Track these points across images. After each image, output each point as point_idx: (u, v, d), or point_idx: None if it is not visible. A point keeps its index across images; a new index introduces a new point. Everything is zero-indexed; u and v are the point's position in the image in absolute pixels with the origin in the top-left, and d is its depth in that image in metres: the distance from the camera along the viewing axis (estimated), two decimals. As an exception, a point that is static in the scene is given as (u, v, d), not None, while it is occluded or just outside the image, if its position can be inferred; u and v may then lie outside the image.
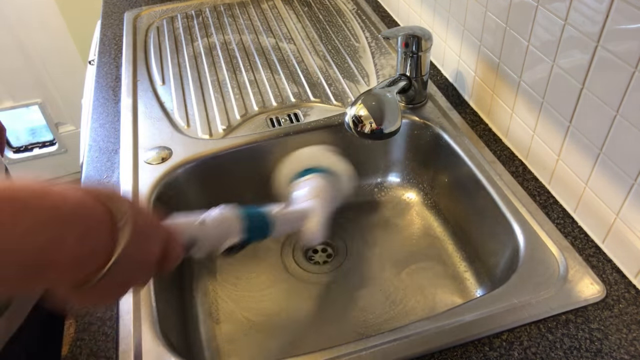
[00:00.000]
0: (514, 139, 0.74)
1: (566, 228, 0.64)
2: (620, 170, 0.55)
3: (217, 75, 0.95)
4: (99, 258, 0.34)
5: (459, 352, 0.53)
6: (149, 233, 0.39)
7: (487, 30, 0.73)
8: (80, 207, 0.33)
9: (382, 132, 0.66)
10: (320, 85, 0.91)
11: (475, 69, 0.79)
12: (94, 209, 0.35)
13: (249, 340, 0.69)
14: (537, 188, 0.69)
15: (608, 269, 0.59)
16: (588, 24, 0.53)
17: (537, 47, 0.63)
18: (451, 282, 0.74)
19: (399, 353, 0.52)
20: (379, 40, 1.02)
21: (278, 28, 1.10)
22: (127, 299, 0.59)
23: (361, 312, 0.71)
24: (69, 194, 0.33)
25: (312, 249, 0.81)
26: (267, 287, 0.76)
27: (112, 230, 0.35)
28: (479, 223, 0.73)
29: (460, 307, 0.56)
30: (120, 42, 1.08)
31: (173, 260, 0.43)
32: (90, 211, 0.34)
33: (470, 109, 0.83)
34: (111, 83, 0.96)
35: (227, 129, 0.82)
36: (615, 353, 0.52)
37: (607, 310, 0.55)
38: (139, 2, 1.22)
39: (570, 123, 0.61)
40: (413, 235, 0.82)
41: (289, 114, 0.84)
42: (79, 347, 0.55)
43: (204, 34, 1.09)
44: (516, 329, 0.54)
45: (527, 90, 0.67)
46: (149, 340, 0.54)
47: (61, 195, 0.32)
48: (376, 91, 0.69)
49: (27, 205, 0.30)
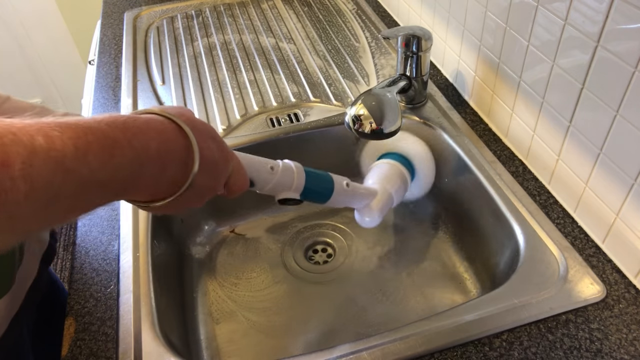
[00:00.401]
0: (514, 138, 0.74)
1: (566, 228, 0.64)
2: (620, 170, 0.54)
3: (217, 75, 0.95)
4: (173, 186, 0.39)
5: (459, 352, 0.53)
6: (220, 165, 0.43)
7: (487, 30, 0.73)
8: (163, 147, 0.37)
9: (382, 132, 0.66)
10: (320, 85, 0.91)
11: (475, 69, 0.79)
12: (175, 147, 0.38)
13: (249, 340, 0.69)
14: (537, 188, 0.69)
15: (608, 269, 0.59)
16: (588, 24, 0.53)
17: (537, 47, 0.63)
18: (451, 282, 0.74)
19: (399, 353, 0.52)
20: (379, 40, 1.02)
21: (278, 28, 1.10)
22: (127, 299, 0.59)
23: (361, 312, 0.71)
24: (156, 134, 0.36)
25: (312, 249, 0.81)
26: (267, 287, 0.76)
27: (187, 164, 0.39)
28: (479, 223, 0.73)
29: (460, 307, 0.56)
30: (120, 42, 1.08)
31: (237, 191, 0.47)
32: (172, 151, 0.38)
33: (470, 109, 0.83)
34: (111, 83, 0.96)
35: (227, 129, 0.82)
36: (615, 353, 0.52)
37: (607, 310, 0.55)
38: (139, 2, 1.22)
39: (570, 123, 0.61)
40: (413, 235, 0.82)
41: (289, 114, 0.84)
42: (79, 347, 0.55)
43: (204, 34, 1.09)
44: (516, 329, 0.54)
45: (527, 90, 0.67)
46: (149, 340, 0.54)
47: (150, 137, 0.36)
48: (376, 91, 0.69)
49: (122, 147, 0.33)
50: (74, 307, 0.59)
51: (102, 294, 0.60)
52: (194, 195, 0.41)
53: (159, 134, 0.37)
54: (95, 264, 0.64)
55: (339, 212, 0.86)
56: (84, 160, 0.31)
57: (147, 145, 0.35)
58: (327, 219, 0.85)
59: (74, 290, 0.61)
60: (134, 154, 0.34)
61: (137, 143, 0.34)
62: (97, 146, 0.31)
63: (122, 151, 0.33)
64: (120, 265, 0.63)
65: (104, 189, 0.33)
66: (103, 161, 0.32)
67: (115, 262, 0.64)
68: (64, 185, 0.30)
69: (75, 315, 0.58)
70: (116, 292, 0.60)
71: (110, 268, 0.63)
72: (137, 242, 0.65)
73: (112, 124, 0.33)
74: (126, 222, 0.68)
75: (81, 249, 0.66)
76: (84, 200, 0.32)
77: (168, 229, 0.75)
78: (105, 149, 0.32)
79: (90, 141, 0.31)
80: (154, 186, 0.38)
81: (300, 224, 0.84)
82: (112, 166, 0.32)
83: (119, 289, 0.60)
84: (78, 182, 0.31)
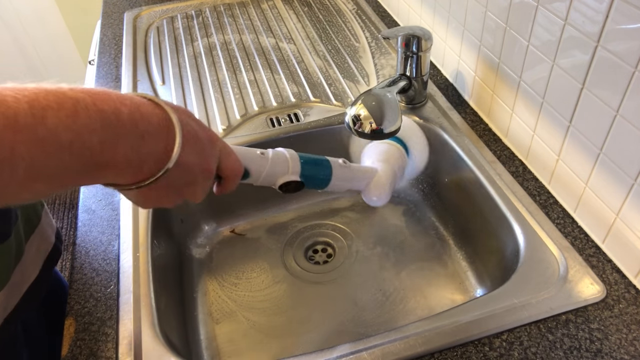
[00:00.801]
0: (514, 138, 0.74)
1: (566, 228, 0.64)
2: (620, 170, 0.54)
3: (217, 75, 0.95)
4: (155, 162, 0.37)
5: (459, 352, 0.53)
6: (205, 143, 0.41)
7: (487, 30, 0.73)
8: (137, 115, 0.35)
9: (382, 132, 0.66)
10: (320, 85, 0.91)
11: (475, 69, 0.79)
12: (151, 116, 0.36)
13: (249, 340, 0.69)
14: (537, 188, 0.69)
15: (608, 269, 0.59)
16: (588, 24, 0.53)
17: (537, 47, 0.63)
18: (451, 282, 0.74)
19: (399, 353, 0.52)
20: (379, 40, 1.02)
21: (278, 28, 1.10)
22: (127, 299, 0.59)
23: (361, 312, 0.71)
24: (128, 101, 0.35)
25: (312, 249, 0.81)
26: (267, 287, 0.76)
27: (167, 139, 0.37)
28: (479, 223, 0.73)
29: (460, 307, 0.56)
30: (120, 42, 1.08)
31: (231, 176, 0.45)
32: (148, 119, 0.36)
33: (470, 109, 0.83)
34: (111, 83, 0.96)
35: (227, 129, 0.82)
36: (615, 353, 0.52)
37: (607, 310, 0.55)
38: (139, 2, 1.22)
39: (570, 123, 0.61)
40: (413, 235, 0.82)
41: (289, 114, 0.84)
42: (79, 347, 0.55)
43: (204, 34, 1.09)
44: (516, 329, 0.54)
45: (527, 90, 0.67)
46: (149, 340, 0.54)
47: (120, 102, 0.34)
48: (376, 91, 0.69)
49: (87, 106, 0.32)
50: (74, 307, 0.59)
51: (102, 294, 0.60)
52: (184, 176, 0.39)
53: (131, 101, 0.35)
54: (95, 264, 0.64)
55: (339, 212, 0.86)
56: (40, 118, 0.29)
57: (117, 109, 0.33)
58: (327, 219, 0.85)
59: (74, 290, 0.61)
60: (102, 116, 0.32)
61: (105, 106, 0.33)
62: (56, 105, 0.30)
63: (87, 112, 0.32)
64: (120, 265, 0.63)
65: (73, 155, 0.31)
66: (64, 120, 0.30)
67: (115, 262, 0.64)
68: (17, 144, 0.29)
69: (75, 315, 0.58)
70: (116, 292, 0.60)
71: (110, 268, 0.63)
72: (137, 242, 0.65)
73: (77, 89, 0.32)
74: (126, 222, 0.68)
75: (81, 249, 0.66)
76: (49, 166, 0.31)
77: (168, 229, 0.75)
78: (65, 107, 0.31)
79: (50, 100, 0.30)
80: (136, 161, 0.35)
81: (300, 224, 0.84)
82: (77, 127, 0.31)
83: (119, 289, 0.60)
84: (34, 141, 0.29)
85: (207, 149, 0.41)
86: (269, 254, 0.80)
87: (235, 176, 0.46)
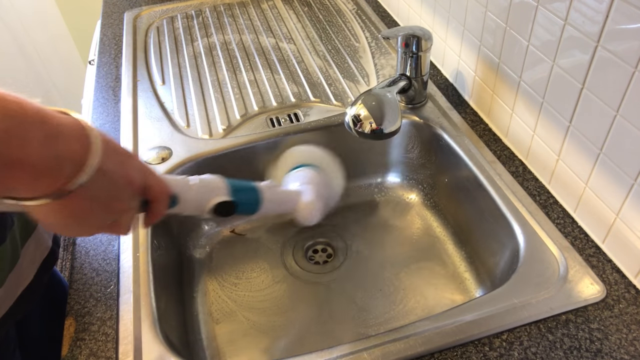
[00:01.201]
0: (514, 138, 0.74)
1: (566, 228, 0.64)
2: (620, 170, 0.55)
3: (217, 75, 0.95)
4: (70, 165, 0.34)
5: (459, 352, 0.53)
6: (125, 158, 0.39)
7: (487, 30, 0.73)
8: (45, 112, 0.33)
9: (382, 132, 0.66)
10: (320, 85, 0.91)
11: (475, 69, 0.79)
12: (61, 117, 0.34)
13: (249, 340, 0.69)
14: (537, 188, 0.69)
15: (608, 269, 0.59)
16: (588, 24, 0.53)
17: (537, 47, 0.63)
18: (451, 282, 0.74)
19: (399, 353, 0.52)
20: (379, 40, 1.02)
21: (278, 28, 1.10)
22: (127, 299, 0.59)
23: (361, 312, 0.71)
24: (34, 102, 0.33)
25: (312, 249, 0.81)
26: (267, 287, 0.76)
27: (83, 139, 0.35)
28: (479, 223, 0.73)
29: (460, 307, 0.56)
30: (120, 42, 1.08)
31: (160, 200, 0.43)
32: (57, 116, 0.34)
33: (470, 109, 0.83)
34: (111, 83, 0.96)
35: (227, 129, 0.82)
36: (615, 353, 0.52)
37: (607, 310, 0.55)
38: (139, 2, 1.22)
39: (570, 123, 0.61)
40: (413, 235, 0.82)
41: (289, 114, 0.84)
42: (79, 347, 0.55)
43: (204, 34, 1.09)
44: (516, 329, 0.54)
45: (527, 90, 0.67)
46: (149, 340, 0.54)
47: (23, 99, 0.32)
48: (376, 91, 0.69)
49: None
50: (74, 307, 0.59)
51: (102, 294, 0.60)
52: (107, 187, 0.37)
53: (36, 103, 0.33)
54: (95, 264, 0.64)
55: (339, 212, 0.86)
56: None
57: (20, 101, 0.31)
58: (327, 219, 0.85)
59: (74, 290, 0.61)
60: (2, 104, 0.31)
61: (7, 96, 0.31)
62: None
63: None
64: (120, 265, 0.63)
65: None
66: None
67: (115, 262, 0.64)
68: None
69: (75, 315, 0.58)
70: (116, 292, 0.60)
71: (110, 268, 0.63)
72: (137, 242, 0.65)
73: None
74: (126, 222, 0.68)
75: (81, 249, 0.66)
76: None
77: (168, 229, 0.75)
78: None
79: None
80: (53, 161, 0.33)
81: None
82: None
83: (119, 289, 0.60)
84: None
85: (130, 161, 0.40)
86: (269, 254, 0.80)
87: (163, 196, 0.44)
